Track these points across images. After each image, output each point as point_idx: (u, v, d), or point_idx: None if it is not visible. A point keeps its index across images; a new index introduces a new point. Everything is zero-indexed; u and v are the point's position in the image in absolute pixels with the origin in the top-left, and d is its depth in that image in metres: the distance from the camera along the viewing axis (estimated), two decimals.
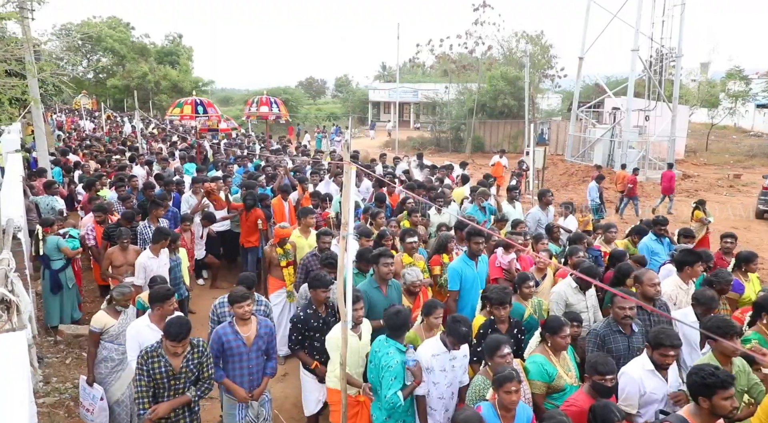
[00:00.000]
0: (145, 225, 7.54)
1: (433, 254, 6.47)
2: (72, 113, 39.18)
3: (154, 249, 6.38)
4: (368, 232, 6.47)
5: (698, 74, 37.74)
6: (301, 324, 4.84)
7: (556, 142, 29.82)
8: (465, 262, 5.78)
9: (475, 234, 5.72)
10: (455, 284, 5.69)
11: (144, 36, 49.20)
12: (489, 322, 4.64)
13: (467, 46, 35.26)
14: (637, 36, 21.40)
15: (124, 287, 5.05)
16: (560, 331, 4.15)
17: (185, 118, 13.10)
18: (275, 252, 6.58)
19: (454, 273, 5.69)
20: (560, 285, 5.44)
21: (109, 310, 4.97)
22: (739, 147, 30.88)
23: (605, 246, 7.14)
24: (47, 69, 8.97)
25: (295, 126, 39.30)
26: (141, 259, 6.27)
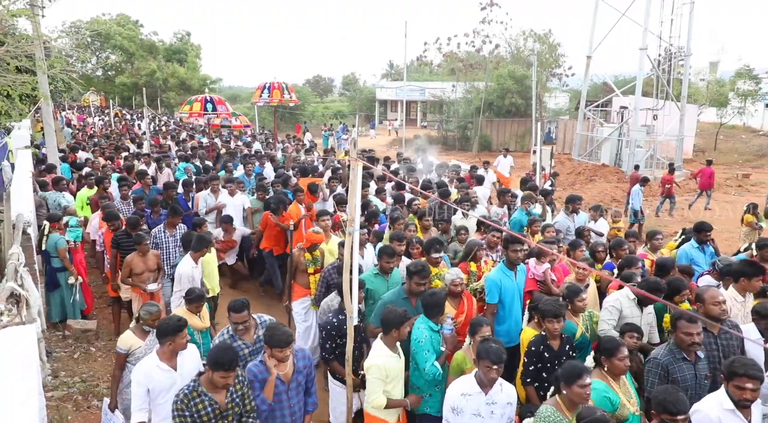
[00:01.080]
0: (159, 230, 7.27)
1: (460, 262, 6.05)
2: (80, 110, 39.46)
3: (195, 257, 6.05)
4: (401, 237, 6.14)
5: (707, 73, 37.44)
6: (335, 331, 4.61)
7: (563, 141, 29.72)
8: (504, 273, 5.36)
9: (513, 241, 5.29)
10: (494, 297, 5.26)
11: (152, 34, 49.45)
12: (540, 338, 4.30)
13: (474, 44, 35.16)
14: (645, 34, 21.27)
15: (152, 305, 4.66)
16: (617, 353, 3.72)
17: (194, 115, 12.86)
18: (303, 257, 6.25)
19: (492, 285, 5.27)
20: (616, 295, 4.94)
21: (137, 330, 4.62)
22: (748, 146, 30.63)
23: (651, 254, 6.59)
24: (57, 66, 9.04)
25: (302, 124, 39.36)
26: (184, 268, 5.91)
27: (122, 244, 6.91)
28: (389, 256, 5.40)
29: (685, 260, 6.41)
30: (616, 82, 28.18)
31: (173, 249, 7.16)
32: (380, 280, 5.40)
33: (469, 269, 5.84)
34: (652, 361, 4.00)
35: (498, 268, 5.44)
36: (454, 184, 10.47)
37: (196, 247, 5.99)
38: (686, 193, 18.88)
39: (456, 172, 12.01)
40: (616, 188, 19.23)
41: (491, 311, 5.30)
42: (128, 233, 6.92)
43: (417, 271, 4.82)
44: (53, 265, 7.07)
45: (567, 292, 4.75)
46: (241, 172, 11.27)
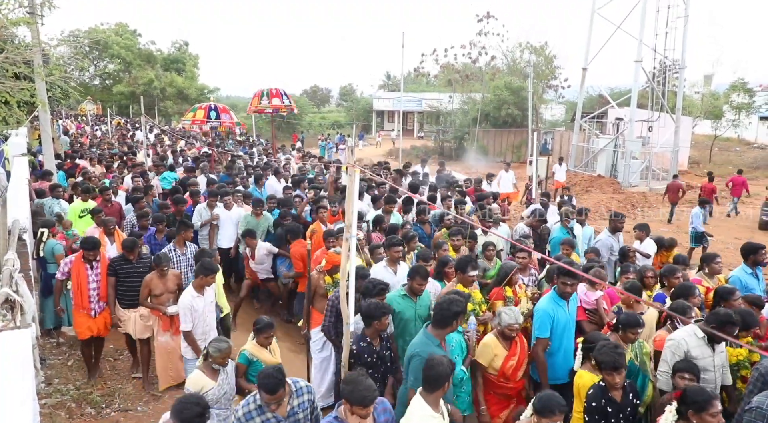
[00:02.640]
0: (170, 249, 6.66)
1: (494, 286, 5.63)
2: (76, 119, 39.48)
3: (198, 285, 5.37)
4: (427, 256, 5.84)
5: (701, 86, 37.81)
6: (354, 359, 4.30)
7: (559, 152, 29.83)
8: (555, 303, 4.83)
9: (564, 274, 4.77)
10: (545, 330, 4.74)
11: (150, 43, 49.59)
12: (600, 391, 3.82)
13: (471, 56, 35.50)
14: (640, 47, 21.49)
15: (222, 342, 4.19)
16: (710, 408, 3.25)
17: (196, 122, 12.58)
18: (323, 280, 5.83)
19: (544, 316, 4.74)
20: (683, 332, 4.33)
21: (206, 369, 4.20)
22: (743, 159, 30.85)
23: (707, 280, 5.91)
24: (55, 73, 9.06)
25: (299, 133, 39.46)
26: (184, 300, 5.34)
27: (121, 271, 6.15)
28: (423, 277, 4.99)
29: (739, 287, 5.52)
30: (612, 94, 28.42)
31: (185, 268, 6.60)
32: (408, 302, 5.00)
33: (505, 294, 5.48)
34: (755, 411, 3.45)
35: (549, 297, 4.90)
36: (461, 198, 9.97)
37: (197, 273, 5.41)
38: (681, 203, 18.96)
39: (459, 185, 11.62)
40: (612, 199, 19.32)
41: (543, 346, 4.76)
42: (126, 258, 6.17)
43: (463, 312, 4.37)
44: (49, 271, 7.04)
45: (623, 320, 4.32)
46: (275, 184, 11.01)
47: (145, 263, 6.28)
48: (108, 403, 5.82)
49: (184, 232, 6.82)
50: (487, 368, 4.48)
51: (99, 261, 6.11)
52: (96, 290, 6.10)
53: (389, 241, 5.95)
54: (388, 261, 5.91)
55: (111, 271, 6.17)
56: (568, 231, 7.65)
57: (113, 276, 6.16)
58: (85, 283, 6.02)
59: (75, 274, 6.02)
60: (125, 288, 6.17)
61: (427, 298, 5.14)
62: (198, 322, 5.38)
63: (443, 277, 5.75)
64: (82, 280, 6.02)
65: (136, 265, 6.19)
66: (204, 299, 5.42)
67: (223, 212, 8.57)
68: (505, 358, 4.41)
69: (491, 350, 4.40)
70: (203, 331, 5.46)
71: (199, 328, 5.41)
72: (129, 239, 6.42)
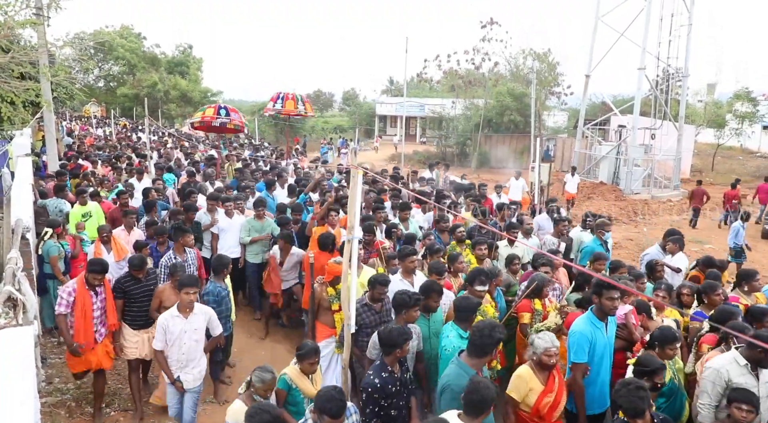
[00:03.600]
0: (169, 257, 6.37)
1: (522, 299, 5.34)
2: (80, 120, 39.63)
3: (182, 306, 4.90)
4: (441, 270, 5.42)
5: (704, 95, 37.83)
6: (378, 393, 3.87)
7: (561, 159, 29.89)
8: (594, 325, 4.34)
9: (608, 287, 4.26)
10: (583, 354, 4.25)
11: (155, 46, 49.80)
12: None
13: (474, 62, 35.56)
14: (643, 55, 21.54)
15: (266, 371, 3.88)
16: None
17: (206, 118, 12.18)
18: (326, 292, 5.47)
19: (582, 340, 4.26)
20: (722, 359, 3.97)
21: (247, 399, 3.91)
22: (746, 167, 30.82)
23: (745, 298, 5.60)
24: (61, 73, 9.12)
25: (302, 137, 39.53)
26: (161, 317, 4.93)
27: (129, 291, 5.61)
28: (438, 293, 4.72)
29: None
30: (615, 101, 28.47)
31: None
32: (421, 320, 4.70)
33: (533, 307, 5.23)
34: None
35: (586, 318, 4.43)
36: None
37: (183, 283, 4.90)
38: (684, 211, 18.98)
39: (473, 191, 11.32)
40: (613, 206, 19.32)
41: (582, 372, 4.27)
42: (134, 276, 5.65)
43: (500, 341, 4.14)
44: (44, 270, 7.05)
45: (659, 336, 4.06)
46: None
47: (153, 280, 5.88)
48: (108, 403, 5.81)
49: (182, 237, 6.50)
50: (520, 404, 3.97)
51: (103, 284, 5.50)
52: (100, 317, 5.46)
53: (403, 251, 5.67)
54: (403, 272, 5.61)
55: (118, 293, 5.57)
56: (602, 243, 7.18)
57: (121, 298, 5.59)
58: (90, 312, 5.32)
59: (80, 305, 5.29)
60: (135, 308, 5.68)
61: (440, 314, 4.88)
62: (173, 346, 4.91)
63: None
64: (87, 309, 5.32)
65: (145, 283, 5.70)
66: (185, 323, 4.92)
67: (224, 219, 8.07)
68: (540, 393, 3.90)
69: (526, 384, 3.89)
70: (178, 359, 4.96)
71: (173, 354, 4.94)
72: (137, 256, 5.88)
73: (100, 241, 7.03)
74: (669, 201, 21.01)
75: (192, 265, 6.52)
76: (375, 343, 4.33)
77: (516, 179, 14.99)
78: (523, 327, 5.23)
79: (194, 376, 5.03)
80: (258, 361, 6.87)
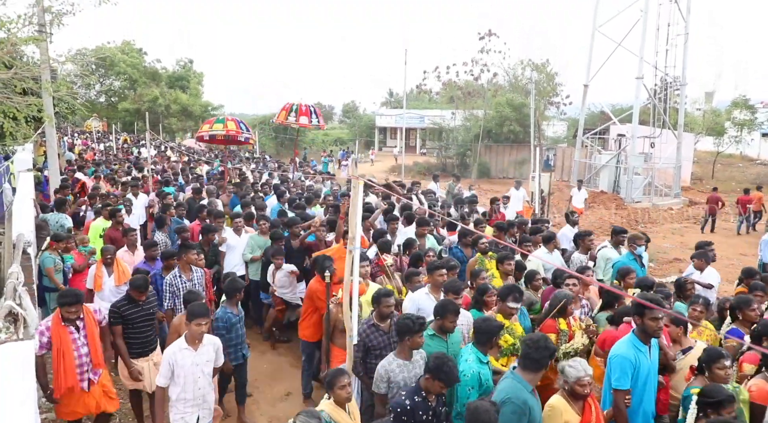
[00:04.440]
0: (175, 275, 5.98)
1: (546, 318, 5.01)
2: (82, 135, 39.83)
3: (191, 336, 4.44)
4: (457, 288, 5.04)
5: (703, 103, 37.99)
6: (407, 416, 3.65)
7: (561, 169, 29.95)
8: (636, 348, 4.01)
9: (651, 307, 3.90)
10: (626, 381, 3.92)
11: (156, 61, 50.18)
12: None
13: (473, 73, 35.81)
14: (641, 64, 21.66)
15: (313, 417, 3.53)
16: None
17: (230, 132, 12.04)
18: (341, 313, 5.00)
19: (626, 365, 3.94)
20: None
21: None
22: (746, 175, 30.86)
23: None
24: (62, 88, 9.18)
25: (301, 149, 39.67)
26: (168, 350, 4.46)
27: (128, 317, 5.24)
28: (454, 313, 4.42)
29: None
30: (614, 110, 28.57)
31: None
32: (438, 342, 4.44)
33: (559, 327, 4.87)
34: None
35: (628, 341, 4.07)
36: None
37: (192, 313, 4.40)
38: (685, 219, 18.99)
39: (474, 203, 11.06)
40: (615, 215, 19.31)
41: (624, 400, 3.96)
42: (133, 300, 5.28)
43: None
44: (43, 282, 7.03)
45: (704, 358, 3.80)
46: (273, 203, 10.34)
47: (153, 303, 5.51)
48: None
49: (186, 254, 6.10)
50: None
51: (84, 318, 4.77)
52: (86, 357, 4.71)
53: (432, 264, 5.40)
54: (431, 287, 5.35)
55: (116, 319, 5.20)
56: (636, 258, 6.74)
57: (118, 324, 5.20)
58: (69, 353, 4.56)
59: (56, 344, 4.56)
60: (134, 335, 5.30)
61: (458, 335, 4.67)
62: (185, 382, 4.41)
63: (482, 307, 5.23)
64: (66, 349, 4.54)
65: (144, 307, 5.35)
66: (195, 355, 4.45)
67: (232, 237, 7.93)
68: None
69: (561, 415, 3.59)
70: (194, 397, 4.50)
71: (188, 393, 4.46)
72: (141, 277, 5.45)
73: (102, 262, 6.66)
74: (670, 209, 21.00)
75: (198, 284, 6.12)
76: (382, 377, 4.12)
77: (516, 189, 14.83)
78: None
79: (209, 411, 4.70)
80: (260, 373, 6.86)
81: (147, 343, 5.38)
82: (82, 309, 4.75)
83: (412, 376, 4.11)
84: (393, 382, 4.09)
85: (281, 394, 6.49)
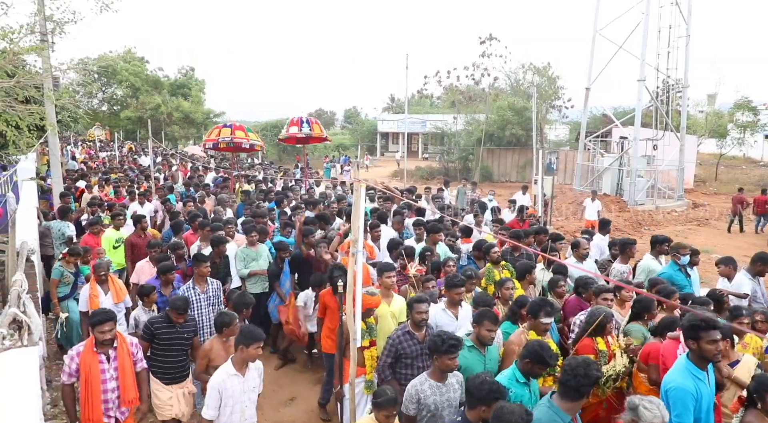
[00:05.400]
0: (188, 287, 5.72)
1: (582, 336, 4.55)
2: (85, 144, 40.01)
3: (239, 360, 4.07)
4: (489, 301, 4.79)
5: (705, 105, 37.96)
6: None
7: (564, 172, 29.93)
8: (695, 376, 3.59)
9: (709, 327, 3.52)
10: (688, 416, 3.51)
11: (158, 69, 50.39)
12: None
13: (474, 77, 35.89)
14: (643, 67, 21.64)
15: None
16: None
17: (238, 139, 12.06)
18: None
19: (686, 398, 3.50)
20: None
21: None
22: (749, 177, 30.79)
23: None
24: (65, 96, 9.22)
25: (303, 155, 39.75)
26: (216, 379, 4.04)
27: (161, 337, 4.86)
28: (493, 321, 4.17)
29: None
30: (616, 113, 28.58)
31: (207, 311, 5.75)
32: (475, 355, 4.20)
33: (597, 348, 4.43)
34: None
35: (684, 369, 3.62)
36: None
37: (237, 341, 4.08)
38: (688, 221, 18.95)
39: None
40: (618, 217, 19.26)
41: None
42: (170, 320, 4.90)
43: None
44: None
45: (757, 387, 3.46)
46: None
47: (190, 327, 5.06)
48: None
49: (198, 267, 5.78)
50: None
51: (117, 347, 4.34)
52: (113, 392, 4.30)
53: (451, 280, 5.13)
54: (448, 303, 5.15)
55: (146, 335, 4.85)
56: (680, 268, 6.22)
57: (148, 341, 4.86)
58: (96, 385, 4.19)
59: (84, 373, 4.19)
60: (168, 359, 4.90)
61: (496, 349, 4.41)
62: (231, 412, 4.08)
63: (517, 320, 4.94)
64: (93, 381, 4.19)
65: (180, 330, 4.93)
66: (244, 381, 4.11)
67: (231, 246, 7.52)
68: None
69: None
70: None
71: (235, 419, 4.13)
72: (181, 298, 4.99)
73: (96, 280, 6.13)
74: (673, 211, 20.95)
75: (214, 297, 5.87)
76: (412, 397, 3.78)
77: (523, 194, 14.65)
78: None
79: None
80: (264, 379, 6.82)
81: (179, 369, 4.97)
82: (117, 334, 4.35)
83: (444, 401, 3.77)
84: (423, 405, 3.76)
85: (285, 399, 6.47)
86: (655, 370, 4.28)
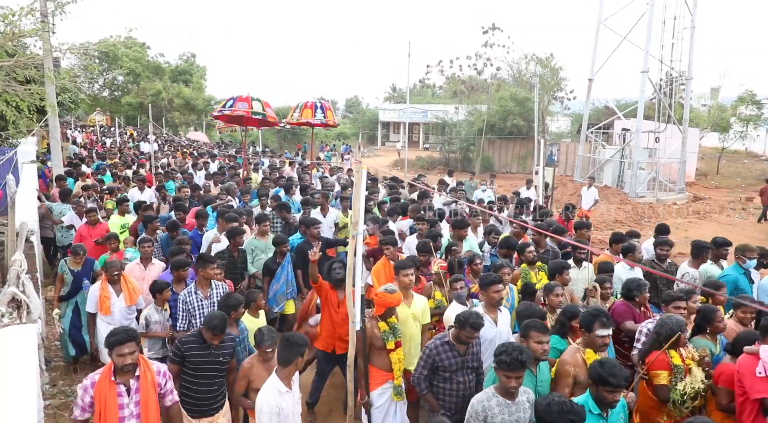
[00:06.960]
0: (190, 292, 5.08)
1: (651, 350, 4.07)
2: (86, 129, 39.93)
3: (286, 375, 3.64)
4: (536, 313, 4.31)
5: (708, 99, 37.78)
6: None
7: (565, 164, 29.87)
8: None
9: None
10: None
11: (159, 55, 50.15)
12: None
13: (476, 67, 35.67)
14: (646, 58, 21.52)
15: None
16: None
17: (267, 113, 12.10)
18: (377, 328, 4.49)
19: None
20: None
21: None
22: (751, 170, 30.74)
23: None
24: (65, 76, 9.17)
25: (303, 144, 39.69)
26: (267, 398, 3.54)
27: (192, 360, 4.06)
28: (542, 331, 3.79)
29: None
30: (618, 105, 28.45)
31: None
32: (527, 376, 3.68)
33: (672, 362, 3.94)
34: None
35: None
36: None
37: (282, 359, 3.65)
38: (689, 214, 18.92)
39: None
40: (619, 210, 19.25)
41: None
42: (205, 341, 4.08)
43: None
44: None
45: None
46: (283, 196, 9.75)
47: (227, 349, 4.22)
48: None
49: (203, 269, 5.12)
50: None
51: (140, 376, 3.55)
52: None
53: (486, 278, 4.65)
54: (486, 305, 4.65)
55: (177, 356, 4.06)
56: (745, 272, 5.69)
57: (179, 363, 4.07)
58: (114, 419, 3.42)
59: (98, 406, 3.43)
60: (197, 386, 4.09)
61: (548, 369, 3.93)
62: None
63: (567, 334, 4.42)
64: (109, 417, 3.41)
65: (215, 352, 4.12)
66: (293, 395, 3.71)
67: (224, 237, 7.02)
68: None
69: None
70: None
71: None
72: (219, 316, 4.11)
73: (107, 280, 5.66)
74: (674, 204, 20.93)
75: (215, 303, 5.15)
76: (478, 414, 3.39)
77: (528, 189, 14.34)
78: (661, 390, 3.91)
79: None
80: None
81: (213, 398, 4.16)
82: (140, 359, 3.55)
83: (513, 420, 3.39)
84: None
85: None
86: (726, 395, 3.81)
